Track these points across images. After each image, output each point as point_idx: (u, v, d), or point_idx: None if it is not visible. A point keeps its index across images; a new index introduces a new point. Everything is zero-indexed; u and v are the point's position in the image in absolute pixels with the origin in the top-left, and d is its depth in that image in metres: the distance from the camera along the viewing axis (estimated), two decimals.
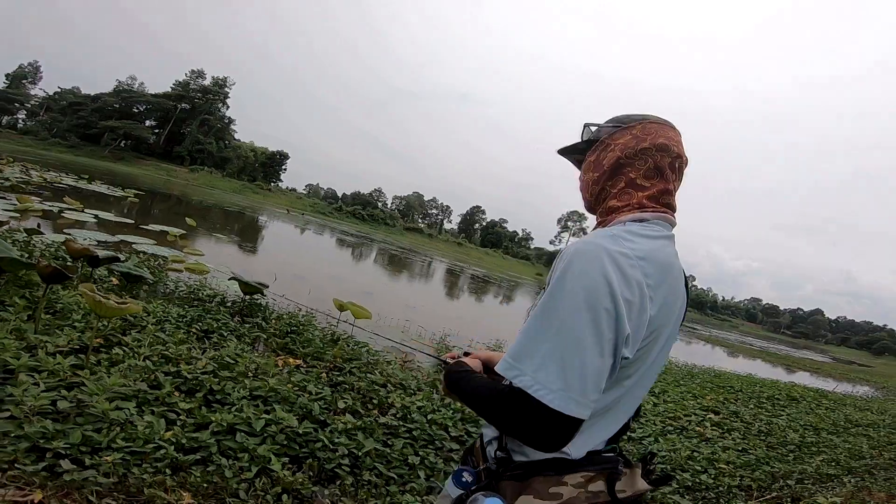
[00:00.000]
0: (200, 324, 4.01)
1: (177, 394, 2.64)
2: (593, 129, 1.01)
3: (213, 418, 2.40)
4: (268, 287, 5.48)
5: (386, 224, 69.27)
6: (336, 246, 29.38)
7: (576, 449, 0.83)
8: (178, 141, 64.56)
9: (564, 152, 1.09)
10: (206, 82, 69.72)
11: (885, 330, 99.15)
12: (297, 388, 3.17)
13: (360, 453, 2.56)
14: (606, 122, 1.01)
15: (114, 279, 4.69)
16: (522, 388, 0.74)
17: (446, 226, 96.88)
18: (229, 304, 5.07)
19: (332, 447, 2.54)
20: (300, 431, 2.54)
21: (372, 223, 66.88)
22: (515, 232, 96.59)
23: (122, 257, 4.99)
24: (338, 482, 2.31)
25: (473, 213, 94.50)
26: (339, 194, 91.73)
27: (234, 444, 2.28)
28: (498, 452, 0.88)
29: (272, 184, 70.46)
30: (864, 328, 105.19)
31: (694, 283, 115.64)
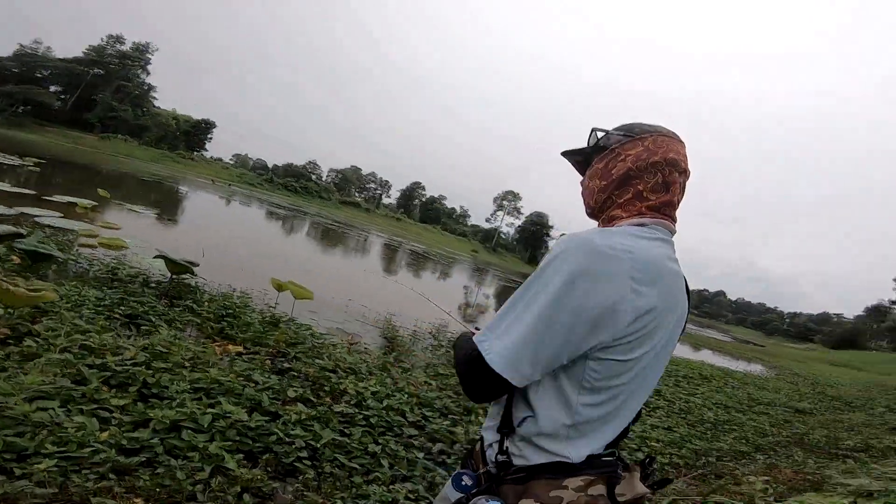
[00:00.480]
0: (123, 308, 3.67)
1: (106, 389, 2.41)
2: (600, 134, 1.01)
3: (153, 415, 2.23)
4: (198, 266, 5.13)
5: (321, 197, 67.72)
6: (267, 219, 28.18)
7: (576, 451, 0.83)
8: (88, 108, 59.19)
9: (568, 154, 1.09)
10: (126, 48, 64.28)
11: (776, 312, 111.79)
12: (241, 378, 3.02)
13: (318, 445, 2.49)
14: (615, 130, 0.99)
15: (15, 257, 4.17)
16: (480, 350, 0.82)
17: (385, 200, 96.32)
18: (154, 285, 4.69)
19: (287, 440, 2.45)
20: (252, 425, 2.43)
21: (305, 196, 65.11)
22: (454, 209, 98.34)
23: (24, 232, 4.44)
24: (299, 476, 2.23)
25: (413, 189, 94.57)
26: (270, 165, 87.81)
27: (180, 442, 2.13)
28: (499, 456, 0.88)
29: (196, 153, 66.18)
30: (758, 309, 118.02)
31: None
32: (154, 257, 4.98)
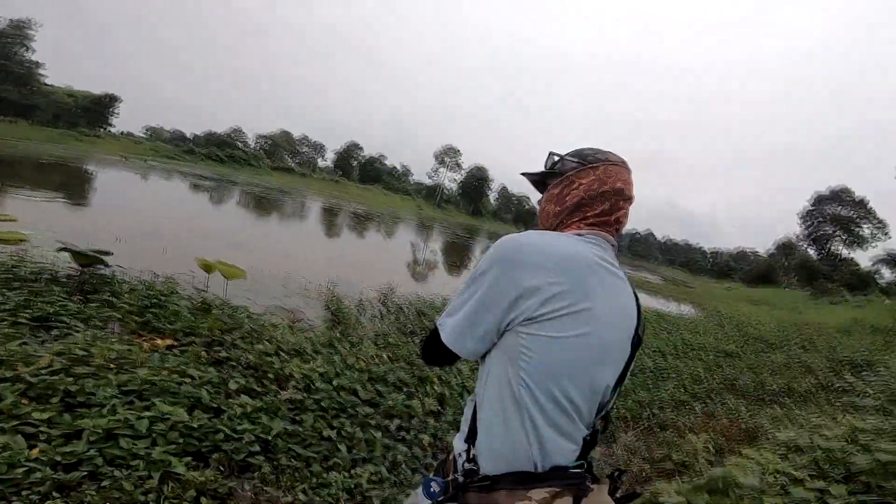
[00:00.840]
0: (30, 311, 3.34)
1: (25, 402, 2.22)
2: (555, 158, 1.15)
3: (84, 425, 2.09)
4: (111, 254, 4.74)
5: (250, 165, 64.65)
6: (191, 193, 26.59)
7: (540, 456, 0.89)
8: None
9: (526, 175, 1.24)
10: (2, 26, 56.43)
11: (699, 251, 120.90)
12: (175, 375, 2.86)
13: (269, 437, 2.44)
14: (569, 156, 1.12)
15: None
16: (437, 325, 1.02)
17: (320, 163, 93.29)
18: (64, 281, 4.30)
19: (235, 436, 2.38)
20: (194, 425, 2.34)
21: (232, 164, 61.78)
22: (395, 167, 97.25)
23: None
24: (254, 472, 2.18)
25: (350, 150, 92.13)
26: (189, 135, 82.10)
27: (120, 451, 2.02)
28: (466, 464, 0.93)
29: (101, 129, 60.68)
30: (684, 248, 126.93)
31: None
32: (57, 250, 4.54)
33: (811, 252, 61.35)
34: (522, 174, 1.25)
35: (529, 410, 0.88)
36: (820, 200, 61.12)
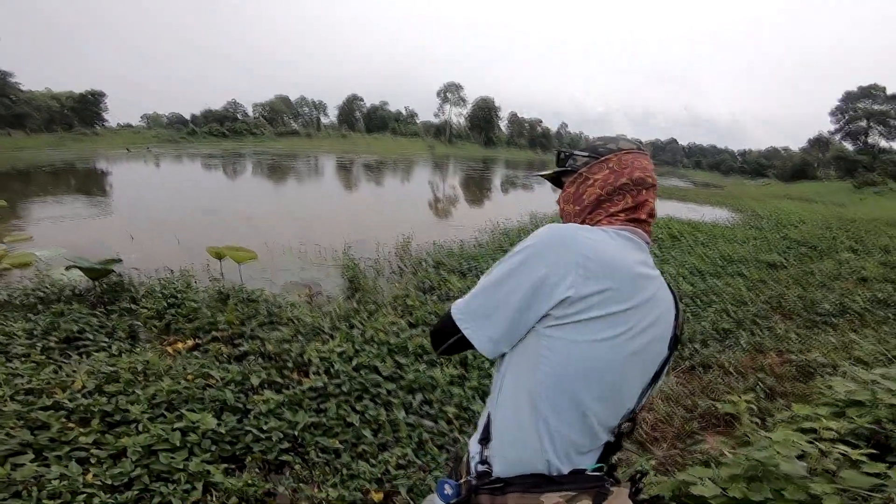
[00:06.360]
0: (56, 333, 3.60)
1: (73, 426, 2.47)
2: (565, 154, 1.13)
3: (126, 443, 2.33)
4: (120, 261, 4.96)
5: (252, 134, 65.82)
6: (202, 172, 27.25)
7: (557, 459, 0.90)
8: None
9: (542, 176, 1.21)
10: None
11: (727, 152, 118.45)
12: (199, 379, 3.07)
13: (296, 432, 2.63)
14: (580, 152, 1.10)
15: None
16: (451, 306, 1.00)
17: (324, 121, 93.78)
18: (83, 294, 4.56)
19: (263, 436, 2.59)
20: (222, 431, 2.54)
21: (236, 138, 62.90)
22: (399, 112, 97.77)
23: None
24: (287, 472, 2.40)
25: (351, 102, 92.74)
26: (188, 117, 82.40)
27: (161, 466, 2.26)
28: (479, 466, 0.95)
29: (97, 126, 61.11)
30: (710, 151, 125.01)
31: (567, 129, 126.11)
32: (67, 268, 4.76)
33: (847, 145, 61.60)
34: (536, 175, 1.24)
35: (545, 415, 0.89)
36: (850, 97, 61.34)
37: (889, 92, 58.51)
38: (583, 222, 1.05)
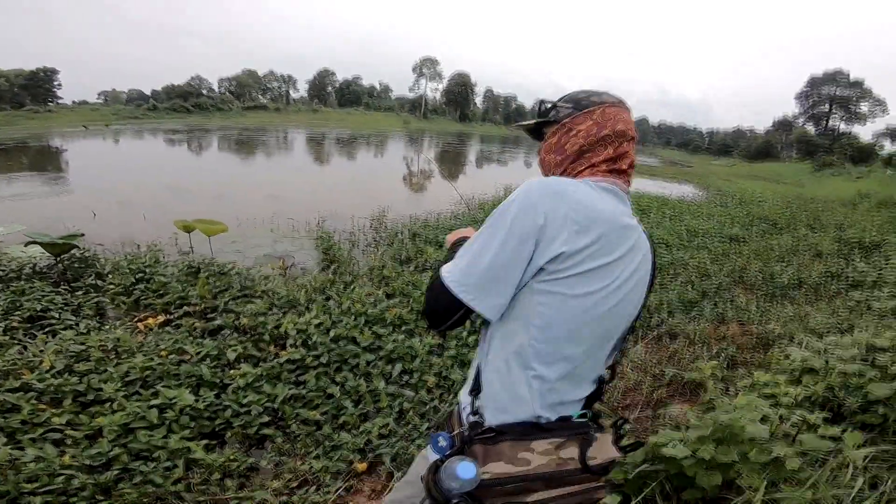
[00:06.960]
0: (19, 312, 3.46)
1: (44, 407, 2.41)
2: (547, 105, 1.12)
3: (101, 423, 2.29)
4: (82, 236, 4.78)
5: (219, 109, 64.04)
6: (165, 149, 26.09)
7: (545, 408, 0.95)
8: None
9: (519, 126, 1.21)
10: None
11: (696, 132, 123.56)
12: (172, 355, 3.01)
13: (275, 405, 2.63)
14: (562, 102, 1.11)
15: None
16: (441, 272, 0.97)
17: (294, 95, 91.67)
18: (46, 272, 4.38)
19: (243, 410, 2.58)
20: (200, 407, 2.51)
21: (201, 113, 60.90)
22: (373, 86, 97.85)
23: None
24: (268, 445, 2.40)
25: (323, 77, 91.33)
26: (149, 92, 79.20)
27: (140, 444, 2.23)
28: (471, 416, 0.99)
29: (51, 104, 58.42)
30: (680, 131, 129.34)
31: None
32: (26, 244, 4.56)
33: (809, 128, 65.42)
34: (515, 125, 1.24)
35: (534, 366, 0.92)
36: (815, 83, 64.89)
37: (852, 78, 61.57)
38: (563, 172, 1.08)
